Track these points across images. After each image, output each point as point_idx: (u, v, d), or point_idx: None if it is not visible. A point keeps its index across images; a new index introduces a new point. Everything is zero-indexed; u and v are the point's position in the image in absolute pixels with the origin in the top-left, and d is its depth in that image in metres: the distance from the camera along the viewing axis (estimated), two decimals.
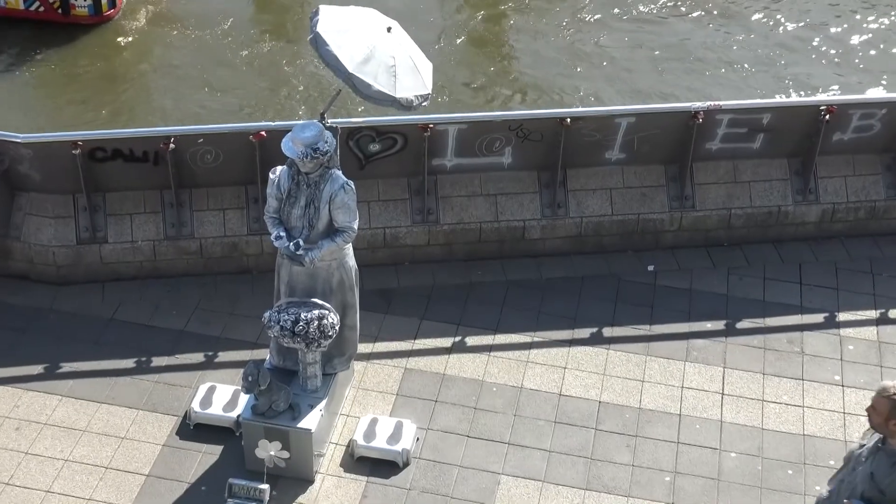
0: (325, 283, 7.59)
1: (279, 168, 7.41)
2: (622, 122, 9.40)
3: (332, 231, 7.40)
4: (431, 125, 9.17)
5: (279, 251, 7.58)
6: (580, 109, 10.58)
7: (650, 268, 9.79)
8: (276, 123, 9.20)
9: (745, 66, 13.09)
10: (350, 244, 7.60)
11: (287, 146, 7.17)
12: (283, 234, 7.38)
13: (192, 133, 9.17)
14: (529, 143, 9.48)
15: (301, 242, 7.34)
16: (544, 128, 9.40)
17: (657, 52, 13.32)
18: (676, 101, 12.30)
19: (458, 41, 13.46)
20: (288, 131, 7.29)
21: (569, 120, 9.27)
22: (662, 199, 9.85)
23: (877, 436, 5.65)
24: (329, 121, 7.56)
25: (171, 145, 8.98)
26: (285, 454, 7.72)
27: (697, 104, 9.41)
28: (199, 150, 9.16)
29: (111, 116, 12.23)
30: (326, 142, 7.15)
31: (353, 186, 7.31)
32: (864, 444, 5.78)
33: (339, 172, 7.33)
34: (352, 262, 7.70)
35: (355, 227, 7.40)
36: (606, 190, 9.81)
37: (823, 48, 13.45)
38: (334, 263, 7.56)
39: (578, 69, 13.03)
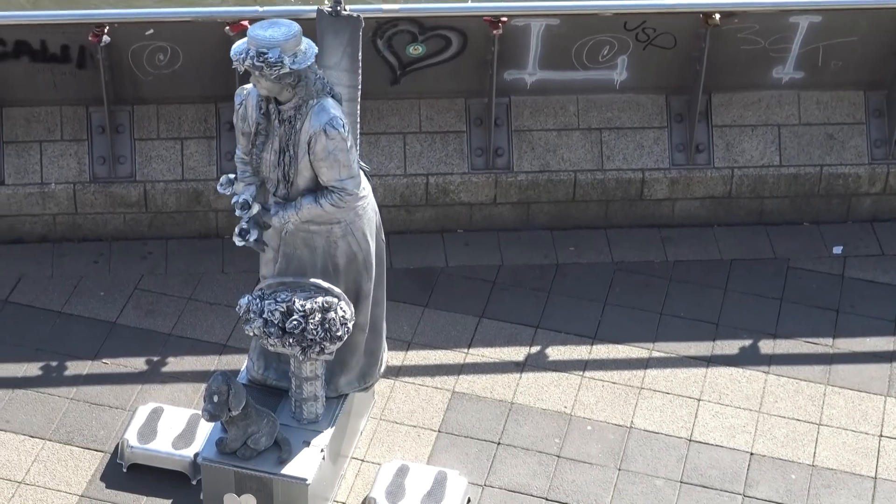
0: (326, 256, 7.58)
1: (247, 87, 7.34)
2: (801, 22, 9.44)
3: (318, 187, 7.37)
4: (504, 18, 9.15)
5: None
6: (735, 0, 10.50)
7: (837, 250, 9.87)
8: (265, 8, 9.19)
9: None
10: (368, 196, 7.53)
11: (235, 45, 7.10)
12: (242, 196, 7.35)
13: (136, 19, 9.15)
14: (655, 50, 9.53)
15: (248, 199, 7.32)
16: (679, 27, 9.44)
17: None
18: None
19: None
20: None
21: (717, 16, 9.28)
22: (860, 145, 9.89)
23: None
24: (347, 7, 7.54)
25: (105, 37, 8.98)
26: None
27: None
28: (148, 46, 9.18)
29: None
30: (293, 54, 6.97)
31: (345, 125, 7.15)
32: None
33: (331, 102, 7.18)
34: (368, 225, 7.57)
35: (351, 188, 7.29)
36: (773, 127, 9.84)
37: None
38: (338, 229, 7.48)
39: None
